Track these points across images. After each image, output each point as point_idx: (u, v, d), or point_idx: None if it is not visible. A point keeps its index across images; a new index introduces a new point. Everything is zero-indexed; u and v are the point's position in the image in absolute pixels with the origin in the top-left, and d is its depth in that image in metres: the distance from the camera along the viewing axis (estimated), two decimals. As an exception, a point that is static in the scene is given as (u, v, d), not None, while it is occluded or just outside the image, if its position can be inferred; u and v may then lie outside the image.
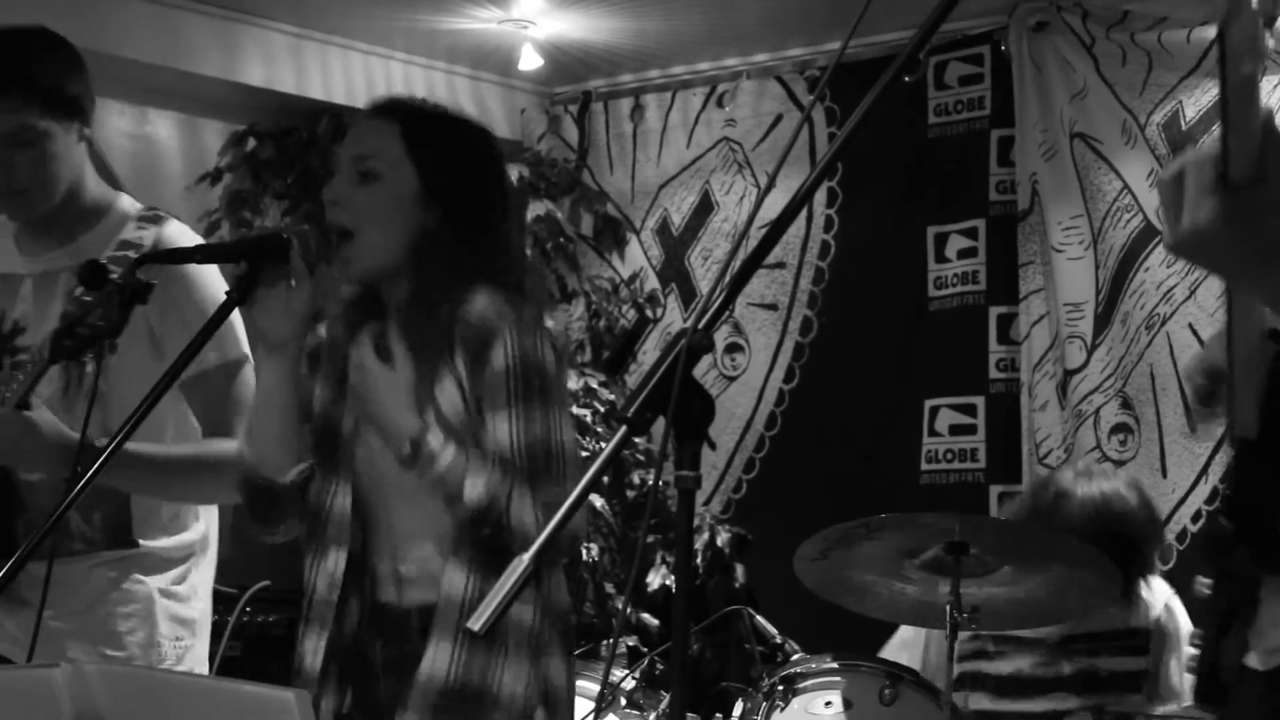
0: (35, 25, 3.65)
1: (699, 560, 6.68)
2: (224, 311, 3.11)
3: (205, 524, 3.78)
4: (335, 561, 3.23)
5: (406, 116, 3.26)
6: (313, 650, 3.23)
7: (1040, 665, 4.57)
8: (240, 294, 3.09)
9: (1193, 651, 4.39)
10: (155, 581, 3.67)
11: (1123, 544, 4.41)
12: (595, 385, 6.98)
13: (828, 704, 4.27)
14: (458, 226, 3.20)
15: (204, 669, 3.82)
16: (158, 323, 3.57)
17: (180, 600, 3.72)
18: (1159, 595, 4.65)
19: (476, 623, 2.04)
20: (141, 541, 3.66)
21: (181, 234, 3.73)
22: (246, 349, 3.61)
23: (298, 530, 3.28)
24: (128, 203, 3.78)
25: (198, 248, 3.35)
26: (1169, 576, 4.76)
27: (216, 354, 3.57)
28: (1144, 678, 4.57)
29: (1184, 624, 4.59)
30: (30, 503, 3.61)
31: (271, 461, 3.18)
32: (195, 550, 3.76)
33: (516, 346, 3.11)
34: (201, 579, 3.80)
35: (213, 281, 3.58)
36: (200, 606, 3.79)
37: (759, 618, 4.84)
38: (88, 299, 3.19)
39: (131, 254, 3.57)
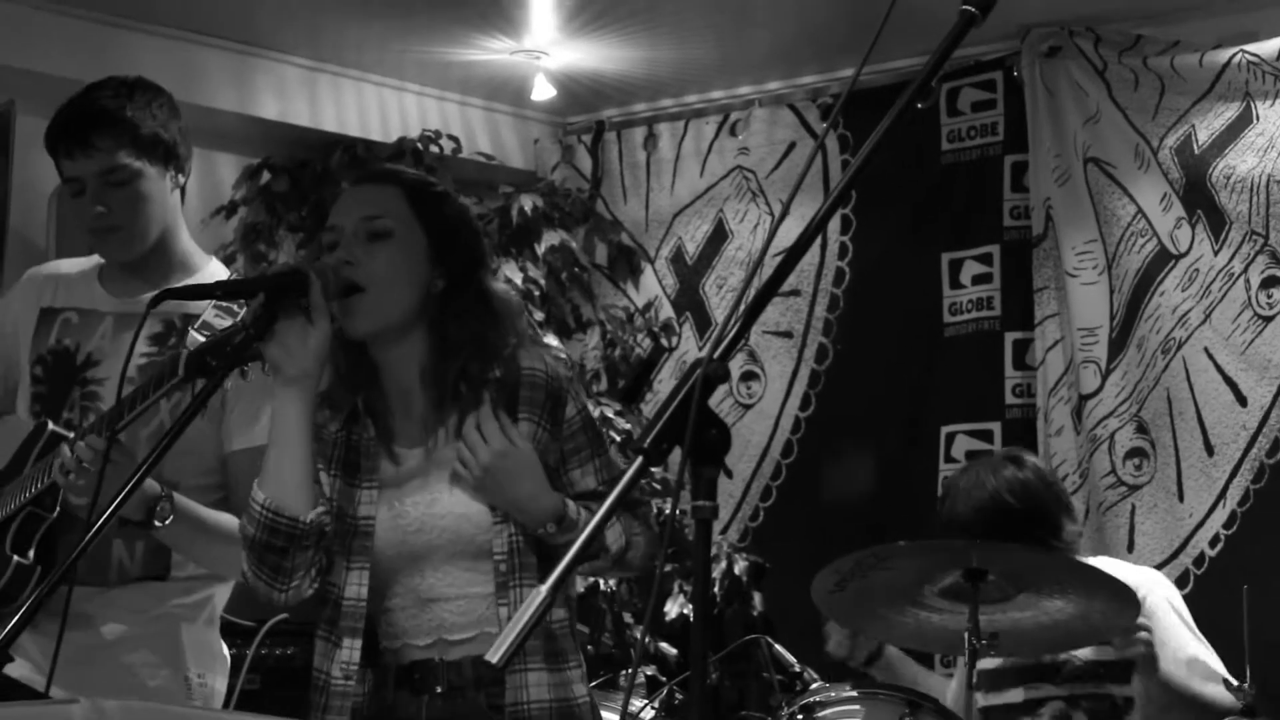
0: (134, 76, 3.80)
1: (716, 589, 6.67)
2: (243, 345, 3.11)
3: None
4: (350, 651, 3.23)
5: (403, 180, 3.33)
6: None
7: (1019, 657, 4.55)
8: (258, 330, 3.09)
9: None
10: (179, 608, 3.72)
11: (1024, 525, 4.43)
12: (611, 414, 6.97)
13: (847, 732, 4.26)
14: (468, 295, 3.25)
15: (218, 701, 3.84)
16: (231, 387, 3.57)
17: (203, 626, 3.76)
18: (1139, 578, 4.55)
19: (495, 655, 2.04)
20: (173, 574, 3.71)
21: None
22: None
23: (307, 590, 3.23)
24: (216, 266, 3.87)
25: (218, 283, 3.35)
26: (1185, 601, 4.73)
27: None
28: (1132, 668, 4.51)
29: (1170, 614, 4.53)
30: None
31: (293, 501, 3.13)
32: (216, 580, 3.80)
33: (580, 398, 3.31)
34: (219, 603, 3.84)
35: None
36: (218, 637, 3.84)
37: (778, 646, 4.83)
38: (221, 322, 3.30)
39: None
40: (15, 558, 3.58)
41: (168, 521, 3.45)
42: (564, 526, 3.16)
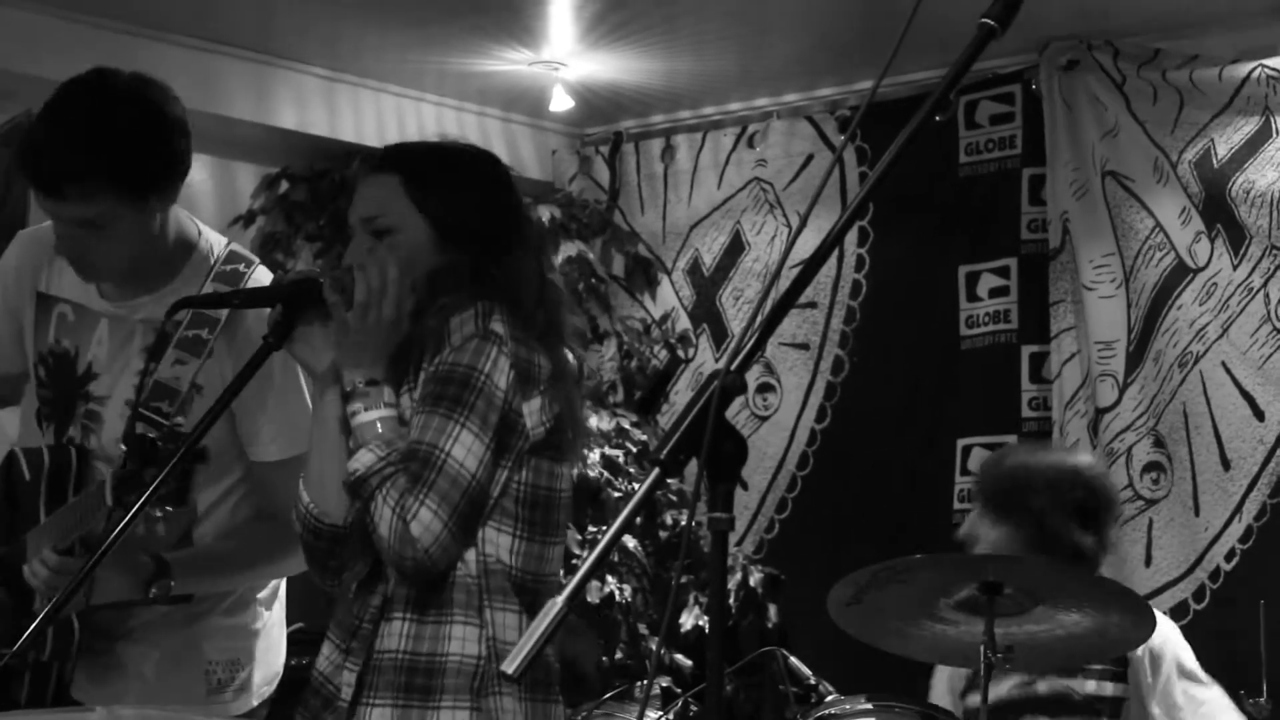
0: (95, 78, 3.57)
1: (731, 601, 6.67)
2: (261, 356, 3.12)
3: None
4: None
5: (404, 165, 3.26)
6: None
7: (1017, 687, 4.54)
8: (276, 339, 3.10)
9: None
10: (205, 619, 3.70)
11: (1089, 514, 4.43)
12: (627, 426, 6.98)
13: (862, 744, 4.26)
14: (471, 262, 3.20)
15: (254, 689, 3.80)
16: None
17: (222, 615, 3.73)
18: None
19: (510, 665, 2.04)
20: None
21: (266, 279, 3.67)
22: None
23: (362, 576, 3.20)
24: (207, 241, 3.73)
25: (234, 292, 3.36)
26: (1201, 616, 4.72)
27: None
28: (1122, 705, 4.50)
29: (1177, 653, 4.52)
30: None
31: (335, 506, 3.15)
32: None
33: (454, 354, 3.10)
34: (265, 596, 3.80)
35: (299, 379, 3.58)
36: (261, 625, 3.79)
37: (793, 658, 4.83)
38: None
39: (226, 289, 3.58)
40: None
41: (169, 593, 3.43)
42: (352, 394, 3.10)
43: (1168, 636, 4.54)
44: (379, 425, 3.08)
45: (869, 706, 4.31)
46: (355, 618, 3.15)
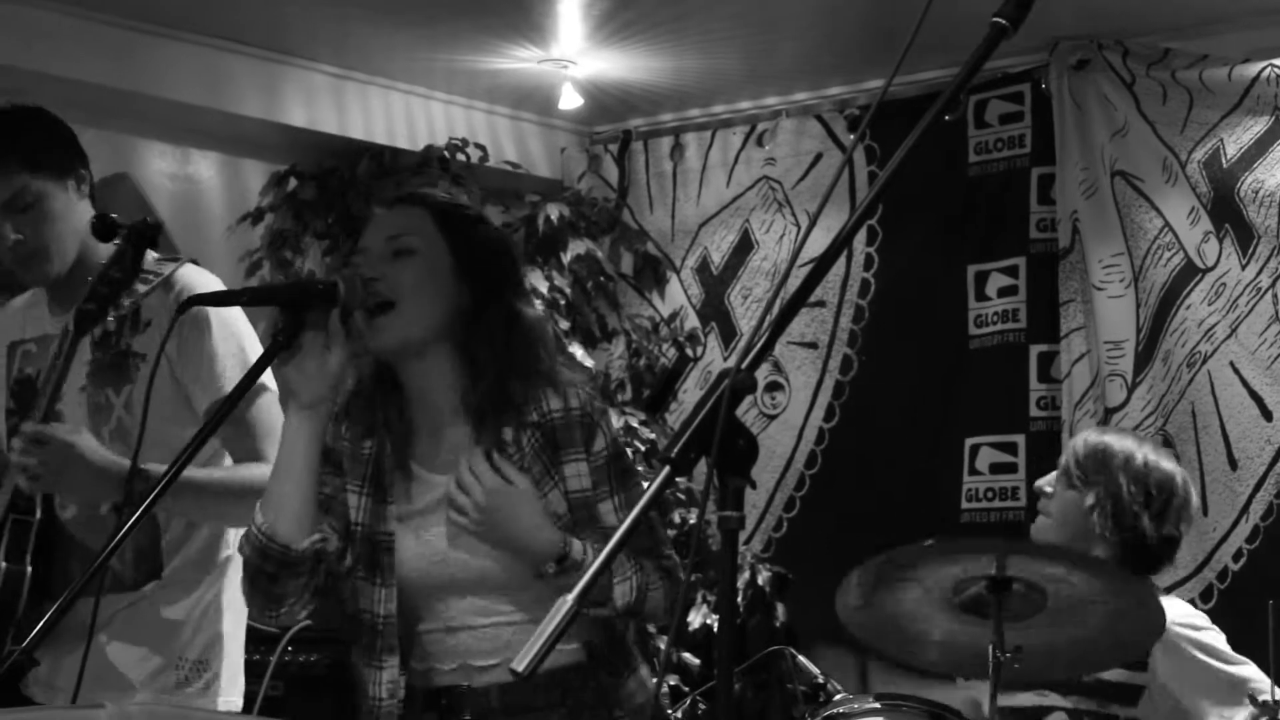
0: (5, 103, 3.82)
1: (740, 599, 6.67)
2: (271, 353, 3.12)
3: (232, 549, 3.82)
4: (393, 670, 3.24)
5: (432, 203, 3.35)
6: None
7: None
8: (286, 337, 3.10)
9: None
10: (175, 611, 3.75)
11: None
12: (636, 424, 6.98)
13: (870, 744, 4.25)
14: (495, 313, 3.25)
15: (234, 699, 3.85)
16: (176, 359, 3.66)
17: (199, 613, 3.78)
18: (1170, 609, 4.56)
19: (521, 663, 2.04)
20: (168, 572, 3.75)
21: (199, 275, 3.78)
22: (269, 379, 3.66)
23: (301, 613, 3.22)
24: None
25: (245, 290, 3.39)
26: (1209, 615, 4.71)
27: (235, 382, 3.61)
28: (1140, 693, 4.50)
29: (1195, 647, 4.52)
30: (79, 539, 3.66)
31: (288, 528, 3.12)
32: (219, 571, 3.83)
33: (609, 432, 3.26)
34: (228, 598, 3.84)
35: (231, 323, 3.70)
36: (224, 628, 3.84)
37: (801, 657, 4.82)
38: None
39: (153, 278, 3.68)
40: (5, 564, 3.60)
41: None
42: (565, 566, 3.13)
43: (1194, 636, 4.55)
44: (588, 551, 3.18)
45: (877, 705, 4.30)
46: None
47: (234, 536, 3.79)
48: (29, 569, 3.61)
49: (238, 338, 3.73)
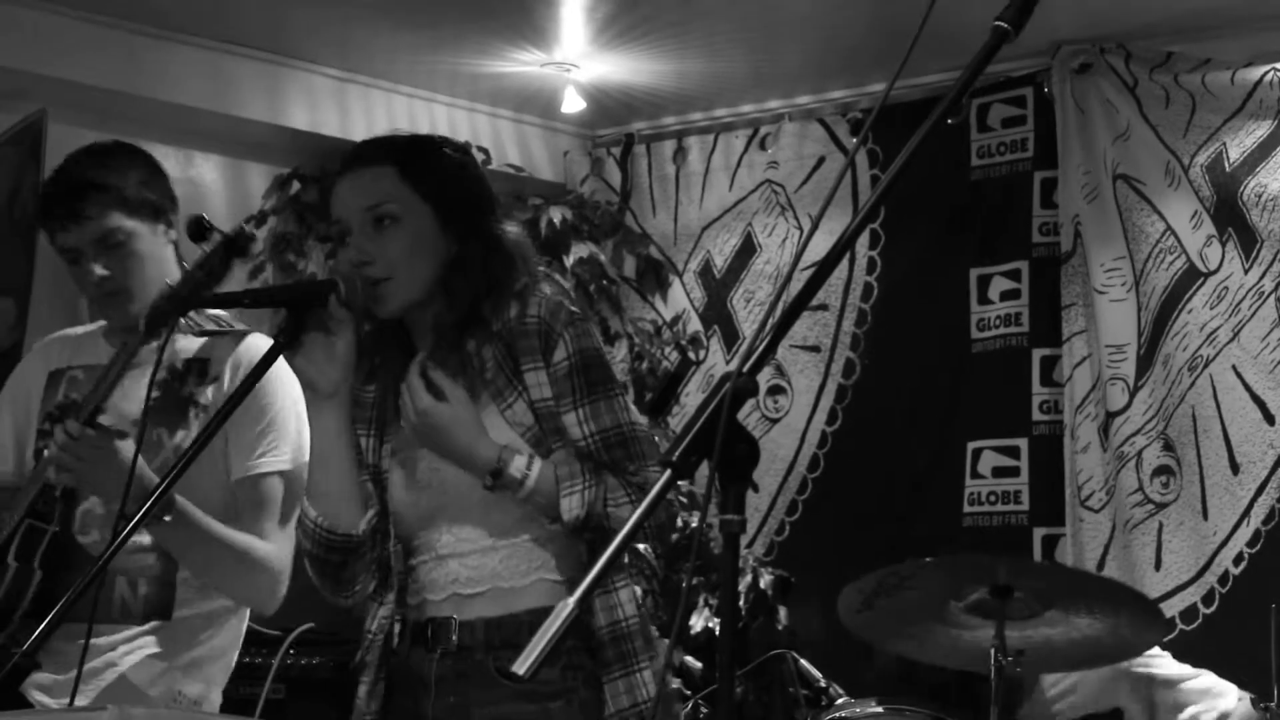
0: (111, 141, 3.88)
1: (741, 603, 6.66)
2: (270, 357, 3.12)
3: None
4: (390, 604, 3.29)
5: (396, 155, 3.32)
6: (367, 693, 3.28)
7: None
8: (287, 339, 3.11)
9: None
10: (176, 659, 3.75)
11: None
12: (637, 426, 6.96)
13: (872, 747, 4.26)
14: (474, 245, 3.26)
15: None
16: (230, 424, 3.59)
17: (195, 672, 3.78)
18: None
19: (521, 666, 2.04)
20: (177, 613, 3.75)
21: (264, 345, 3.72)
22: (289, 463, 3.71)
23: (370, 587, 3.29)
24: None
25: (245, 292, 3.39)
26: (1210, 619, 4.71)
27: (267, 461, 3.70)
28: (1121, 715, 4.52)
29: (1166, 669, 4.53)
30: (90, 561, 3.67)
31: (346, 515, 3.20)
32: (221, 622, 3.84)
33: (574, 343, 3.22)
34: (228, 641, 3.86)
35: (280, 382, 3.68)
36: (215, 674, 3.85)
37: (803, 661, 4.83)
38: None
39: (224, 326, 3.79)
40: (15, 564, 3.61)
41: (167, 518, 3.46)
42: (501, 481, 3.13)
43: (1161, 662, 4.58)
44: (549, 469, 3.16)
45: (879, 710, 4.31)
46: None
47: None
48: (39, 572, 3.62)
49: (300, 419, 3.69)
